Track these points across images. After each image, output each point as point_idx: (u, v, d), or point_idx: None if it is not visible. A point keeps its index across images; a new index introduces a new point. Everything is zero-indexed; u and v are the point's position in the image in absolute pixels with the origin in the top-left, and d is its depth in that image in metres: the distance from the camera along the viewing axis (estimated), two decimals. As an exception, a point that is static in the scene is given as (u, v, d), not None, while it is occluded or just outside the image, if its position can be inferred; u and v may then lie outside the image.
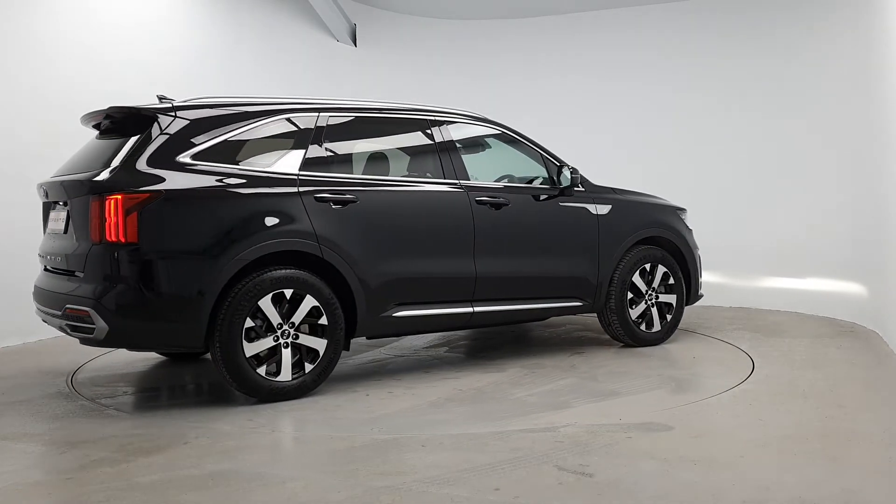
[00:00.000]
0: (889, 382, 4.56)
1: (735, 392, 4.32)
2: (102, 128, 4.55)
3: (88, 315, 3.98)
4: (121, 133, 4.34)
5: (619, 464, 3.13)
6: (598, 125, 8.84)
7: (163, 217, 4.02)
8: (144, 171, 4.04)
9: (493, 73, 9.37)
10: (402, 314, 4.66)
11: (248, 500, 2.84)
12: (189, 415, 4.05)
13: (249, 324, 4.12)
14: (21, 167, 6.02)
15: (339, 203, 4.46)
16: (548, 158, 5.41)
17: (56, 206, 4.54)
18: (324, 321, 4.33)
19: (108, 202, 3.95)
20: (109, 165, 4.09)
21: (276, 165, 4.40)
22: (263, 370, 4.17)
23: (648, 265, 5.60)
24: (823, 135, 7.39)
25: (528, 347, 5.84)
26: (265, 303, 4.15)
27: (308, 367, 4.30)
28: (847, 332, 6.12)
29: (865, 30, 6.48)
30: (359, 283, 4.46)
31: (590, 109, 8.94)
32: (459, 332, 6.44)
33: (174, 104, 4.34)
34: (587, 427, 3.65)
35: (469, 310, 4.91)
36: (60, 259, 4.36)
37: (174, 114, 4.26)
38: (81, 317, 4.03)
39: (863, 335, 6.00)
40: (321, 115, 4.65)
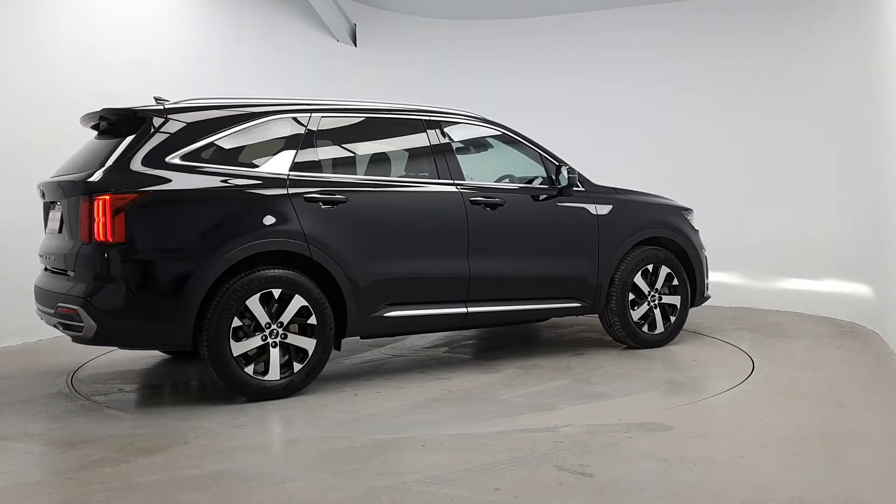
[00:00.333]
0: (889, 382, 4.56)
1: (735, 392, 4.32)
2: (100, 128, 4.57)
3: (77, 314, 4.03)
4: (117, 134, 4.37)
5: (619, 464, 3.13)
6: (599, 125, 8.84)
7: (150, 217, 4.07)
8: (134, 172, 4.09)
9: (494, 73, 9.37)
10: (394, 314, 4.66)
11: (248, 500, 2.84)
12: (189, 415, 4.05)
13: (237, 323, 4.15)
14: (21, 167, 6.02)
15: (329, 203, 4.47)
16: (547, 158, 5.38)
17: (53, 207, 4.58)
18: (313, 321, 4.35)
19: (97, 202, 4.01)
20: (103, 166, 4.13)
21: (267, 166, 4.43)
22: (251, 369, 4.20)
23: (651, 266, 5.53)
24: (823, 135, 7.39)
25: (530, 348, 5.84)
26: (253, 302, 4.19)
27: (297, 367, 4.33)
28: (847, 332, 6.12)
29: (865, 30, 6.48)
30: (348, 283, 4.47)
31: (590, 109, 8.94)
32: (463, 333, 6.43)
33: (165, 106, 4.37)
34: (587, 427, 3.64)
35: (463, 310, 4.89)
36: (55, 259, 4.41)
37: (165, 115, 4.30)
38: (71, 315, 4.09)
39: (863, 335, 6.00)
40: (313, 116, 4.67)
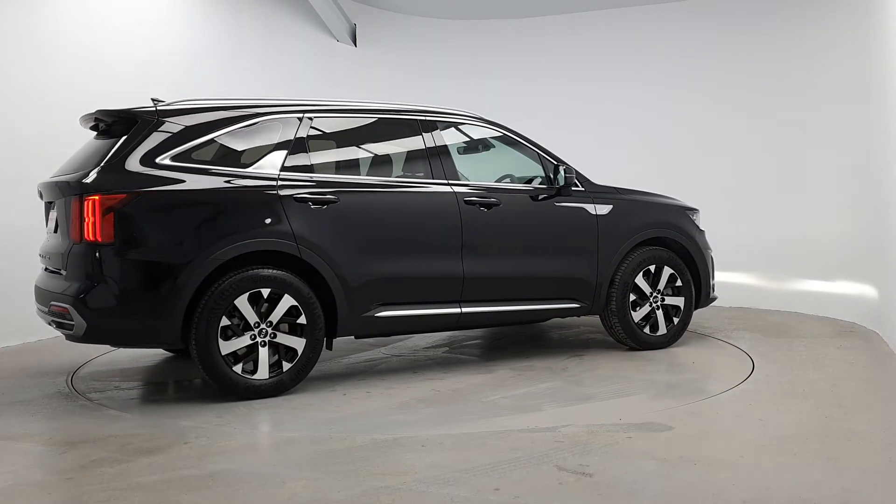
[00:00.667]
0: (889, 382, 4.56)
1: (735, 392, 4.32)
2: (98, 129, 4.60)
3: (68, 312, 4.11)
4: (113, 135, 4.41)
5: (619, 464, 3.13)
6: (600, 125, 8.84)
7: (139, 217, 4.13)
8: (124, 173, 4.14)
9: (494, 73, 9.37)
10: (386, 314, 4.66)
11: (248, 500, 2.84)
12: (189, 415, 4.05)
13: (226, 322, 4.19)
14: (21, 167, 6.02)
15: (320, 203, 4.48)
16: (545, 158, 5.34)
17: (52, 207, 4.61)
18: (302, 320, 4.37)
19: (87, 203, 4.07)
20: (96, 167, 4.18)
21: (257, 166, 4.45)
22: (240, 368, 4.24)
23: (653, 267, 5.46)
24: (823, 135, 7.39)
25: (530, 349, 5.83)
26: (241, 302, 4.22)
27: (286, 366, 4.35)
28: (847, 332, 6.12)
29: (865, 30, 6.48)
30: (339, 283, 4.48)
31: (591, 109, 8.94)
32: (466, 333, 6.42)
33: (158, 107, 4.40)
34: (587, 427, 3.64)
35: (457, 310, 4.87)
36: (52, 258, 4.46)
37: (157, 116, 4.33)
38: (63, 314, 4.16)
39: (863, 335, 6.00)
40: (306, 116, 4.68)
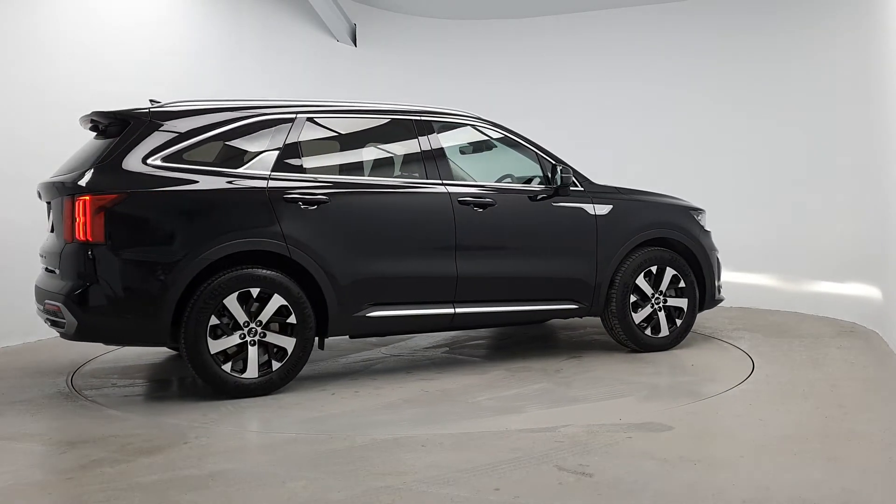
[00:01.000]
0: (889, 382, 4.56)
1: (735, 392, 4.32)
2: (98, 130, 4.61)
3: (60, 310, 4.18)
4: (110, 136, 4.45)
5: (619, 464, 3.12)
6: (600, 125, 8.83)
7: (129, 217, 4.19)
8: (115, 173, 4.20)
9: (494, 73, 9.37)
10: (378, 314, 4.67)
11: (248, 500, 2.84)
12: (189, 415, 4.05)
13: (215, 321, 4.23)
14: (21, 167, 6.02)
15: (310, 203, 4.49)
16: (543, 158, 5.30)
17: (50, 207, 4.65)
18: (292, 320, 4.39)
19: (78, 203, 4.14)
20: (90, 167, 4.25)
21: (248, 166, 4.48)
22: (229, 367, 4.27)
23: (655, 267, 5.39)
24: (824, 135, 7.39)
25: (531, 350, 5.83)
26: (231, 301, 4.25)
27: (276, 365, 4.37)
28: (847, 332, 6.12)
29: (865, 30, 6.48)
30: (329, 283, 4.49)
31: (591, 109, 8.93)
32: (470, 333, 6.41)
33: (152, 108, 4.45)
34: (587, 427, 3.64)
35: (450, 311, 4.86)
36: (49, 258, 4.52)
37: (149, 118, 4.38)
38: (56, 312, 4.24)
39: (863, 335, 6.00)
40: (298, 117, 4.69)
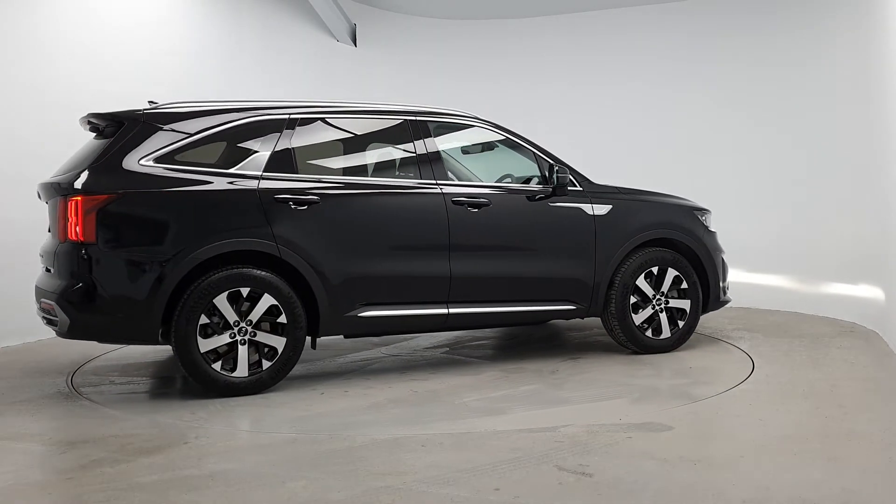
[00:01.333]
0: (889, 382, 4.55)
1: (735, 392, 4.32)
2: (97, 131, 4.66)
3: (53, 309, 4.26)
4: (107, 136, 4.50)
5: (619, 464, 3.13)
6: (600, 125, 8.84)
7: (120, 217, 4.25)
8: (107, 174, 4.27)
9: (494, 73, 9.37)
10: (370, 314, 4.67)
11: (248, 500, 2.84)
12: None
13: (205, 321, 4.27)
14: (21, 167, 6.02)
15: (301, 204, 4.51)
16: (541, 158, 5.26)
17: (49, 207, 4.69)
18: (283, 319, 4.42)
19: (70, 203, 4.21)
20: (83, 168, 4.33)
21: (240, 167, 4.52)
22: (219, 366, 4.31)
23: (656, 268, 5.33)
24: (823, 135, 7.39)
25: (531, 350, 5.82)
26: (220, 300, 4.30)
27: (266, 365, 4.40)
28: (847, 332, 6.12)
29: (865, 30, 6.48)
30: (320, 283, 4.51)
31: (591, 109, 8.94)
32: (475, 333, 6.41)
33: (145, 109, 4.50)
34: (587, 427, 3.64)
35: (444, 311, 4.85)
36: (46, 257, 4.59)
37: (143, 119, 4.44)
38: (49, 310, 4.33)
39: (863, 335, 6.00)
40: (291, 117, 4.71)
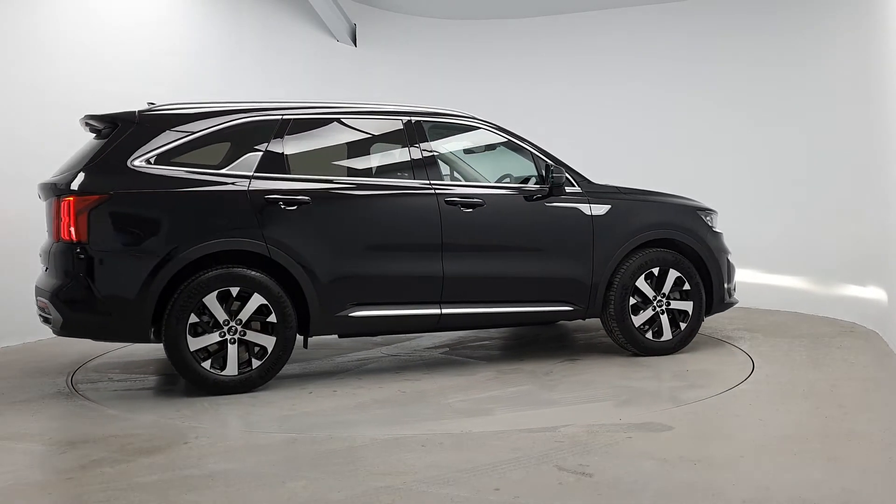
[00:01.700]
0: (889, 382, 4.55)
1: (735, 392, 4.32)
2: (96, 131, 4.69)
3: (48, 307, 4.38)
4: (104, 137, 4.55)
5: (619, 464, 3.12)
6: (599, 125, 8.84)
7: (111, 217, 4.32)
8: (100, 175, 4.35)
9: (494, 73, 9.37)
10: (361, 314, 4.69)
11: (248, 500, 2.84)
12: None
13: (195, 319, 4.33)
14: (21, 167, 6.02)
15: (292, 204, 4.54)
16: (538, 157, 5.22)
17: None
18: (273, 319, 4.45)
19: (64, 203, 4.29)
20: (78, 169, 4.41)
21: (232, 167, 4.56)
22: (208, 364, 4.36)
23: (657, 269, 5.24)
24: (824, 135, 7.39)
25: (531, 352, 5.82)
26: (210, 300, 4.35)
27: (255, 364, 4.45)
28: (847, 332, 6.12)
29: (865, 30, 6.48)
30: (310, 283, 4.54)
31: (591, 109, 8.94)
32: (479, 333, 6.40)
33: (139, 111, 4.56)
34: (587, 427, 3.64)
35: (437, 311, 4.84)
36: (44, 256, 4.66)
37: (137, 120, 4.50)
38: (45, 308, 4.45)
39: (863, 335, 6.00)
40: (284, 118, 4.74)
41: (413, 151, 4.97)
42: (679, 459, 3.16)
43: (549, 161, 5.20)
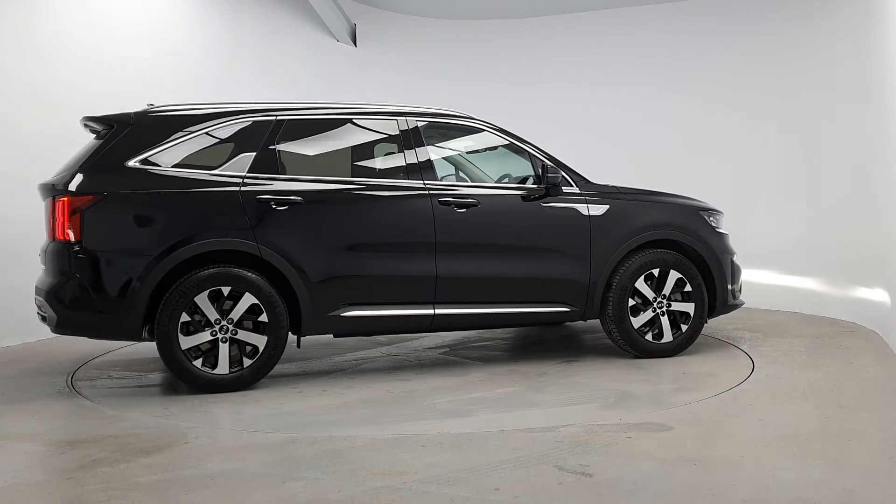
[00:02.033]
0: (889, 382, 4.55)
1: (735, 392, 4.32)
2: (96, 132, 4.73)
3: (43, 305, 4.46)
4: (101, 138, 4.60)
5: (619, 464, 3.12)
6: (600, 125, 8.85)
7: (104, 217, 4.38)
8: (95, 175, 4.41)
9: (494, 73, 9.38)
10: (353, 314, 4.70)
11: (248, 500, 2.84)
12: (189, 414, 4.06)
13: (187, 318, 4.38)
14: (21, 167, 6.02)
15: (283, 204, 4.57)
16: (535, 157, 5.19)
17: None
18: (264, 318, 4.49)
19: (58, 203, 4.36)
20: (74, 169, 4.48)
21: (225, 168, 4.61)
22: (200, 362, 4.42)
23: (657, 270, 5.20)
24: (824, 135, 7.39)
25: (530, 353, 5.81)
26: (201, 299, 4.40)
27: (247, 363, 4.49)
28: (847, 332, 6.12)
29: (865, 30, 6.48)
30: (301, 283, 4.58)
31: (591, 109, 8.95)
32: (483, 333, 6.38)
33: (134, 112, 4.62)
34: (587, 427, 3.64)
35: (430, 312, 4.83)
36: (43, 255, 4.68)
37: (132, 121, 4.56)
38: (41, 306, 4.51)
39: (863, 335, 6.00)
40: (277, 119, 4.77)
41: (407, 151, 4.97)
42: (679, 459, 3.16)
43: (547, 161, 5.17)
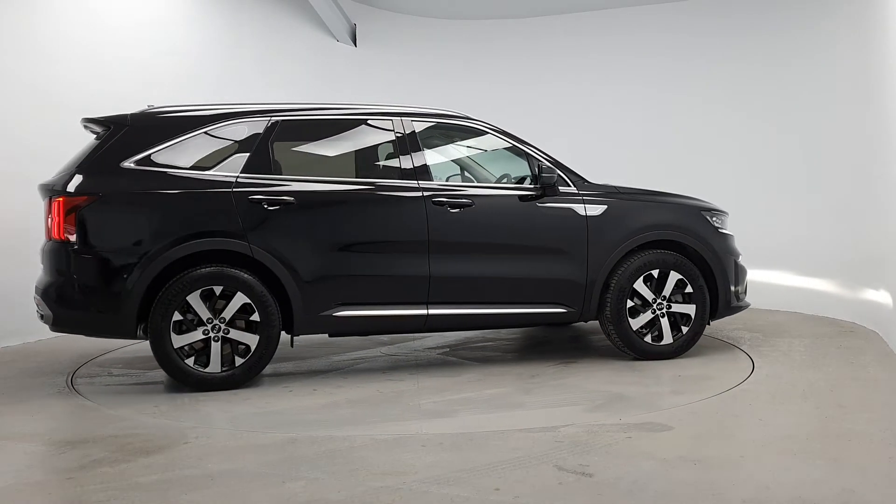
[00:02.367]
0: (889, 382, 4.55)
1: (735, 392, 4.32)
2: (96, 133, 4.77)
3: (41, 303, 4.54)
4: (99, 139, 4.66)
5: (619, 464, 3.13)
6: (599, 125, 8.84)
7: (98, 217, 4.45)
8: (91, 176, 4.48)
9: (493, 73, 9.38)
10: (345, 314, 4.71)
11: (248, 500, 2.84)
12: (189, 415, 4.06)
13: (179, 317, 4.44)
14: (21, 167, 6.02)
15: (275, 204, 4.60)
16: (532, 157, 5.14)
17: None
18: (256, 317, 4.53)
19: (55, 203, 4.44)
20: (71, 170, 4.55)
21: (218, 168, 4.65)
22: (192, 361, 4.47)
23: (657, 271, 5.12)
24: (823, 135, 7.39)
25: (529, 354, 5.81)
26: (193, 298, 4.45)
27: (238, 362, 4.53)
28: (847, 332, 6.12)
29: (865, 30, 6.48)
30: (293, 282, 4.60)
31: (591, 109, 8.94)
32: (486, 334, 6.37)
33: (130, 114, 4.67)
34: (587, 427, 3.64)
35: (423, 312, 4.82)
36: (42, 255, 4.72)
37: (128, 122, 4.62)
38: (39, 304, 4.59)
39: (863, 335, 6.00)
40: (271, 120, 4.79)
41: (402, 151, 4.96)
42: (679, 459, 3.16)
43: (544, 161, 5.13)
